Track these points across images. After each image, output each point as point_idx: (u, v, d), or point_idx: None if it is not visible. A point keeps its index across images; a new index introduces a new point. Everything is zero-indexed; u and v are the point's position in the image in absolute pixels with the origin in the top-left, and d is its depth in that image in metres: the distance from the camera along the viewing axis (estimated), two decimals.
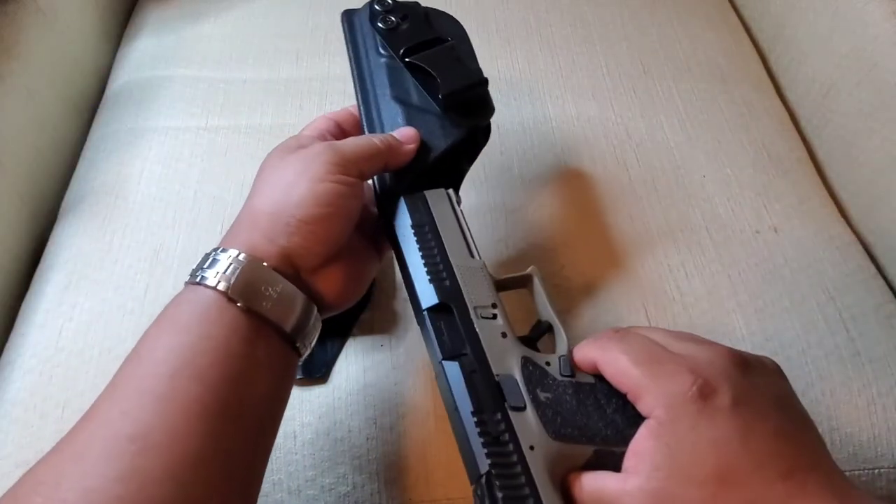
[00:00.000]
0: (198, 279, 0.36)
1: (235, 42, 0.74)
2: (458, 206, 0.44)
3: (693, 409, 0.32)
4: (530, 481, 0.34)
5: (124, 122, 0.67)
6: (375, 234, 0.45)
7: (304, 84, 0.69)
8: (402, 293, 0.53)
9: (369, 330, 0.52)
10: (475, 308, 0.39)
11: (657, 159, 0.63)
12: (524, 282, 0.43)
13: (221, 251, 0.37)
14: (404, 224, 0.43)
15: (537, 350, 0.40)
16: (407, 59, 0.47)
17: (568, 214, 0.59)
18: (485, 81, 0.46)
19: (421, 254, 0.41)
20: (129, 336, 0.51)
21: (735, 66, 0.72)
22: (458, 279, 0.40)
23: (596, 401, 0.37)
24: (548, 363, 0.38)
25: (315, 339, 0.40)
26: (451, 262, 0.41)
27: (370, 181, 0.45)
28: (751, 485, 0.31)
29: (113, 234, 0.58)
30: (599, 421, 0.36)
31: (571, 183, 0.61)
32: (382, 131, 0.45)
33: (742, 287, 0.54)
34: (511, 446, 0.35)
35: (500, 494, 0.34)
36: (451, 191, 0.45)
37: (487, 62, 0.71)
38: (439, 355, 0.38)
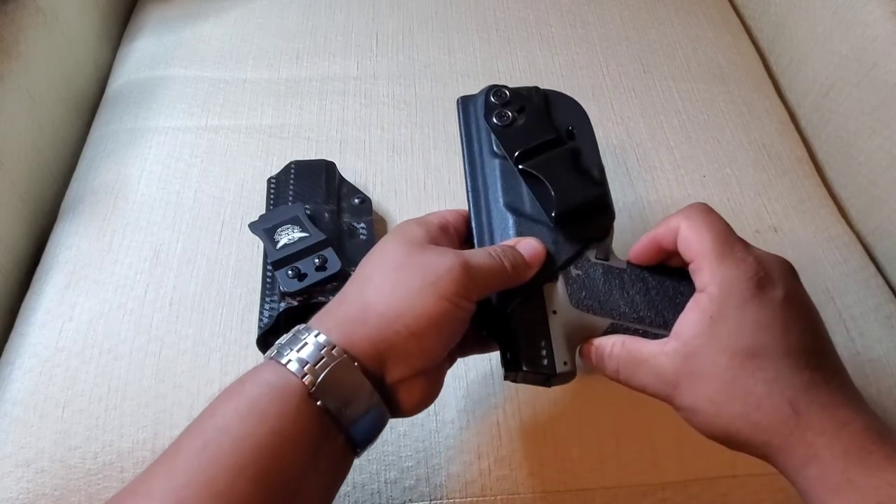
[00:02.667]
0: (284, 361, 0.34)
1: (235, 42, 0.74)
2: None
3: (747, 293, 0.35)
4: (547, 337, 0.39)
5: (124, 122, 0.67)
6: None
7: (304, 84, 0.69)
8: None
9: None
10: None
11: (657, 159, 0.63)
12: None
13: (315, 335, 0.35)
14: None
15: None
16: (520, 167, 0.43)
17: None
18: (602, 195, 0.43)
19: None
20: (130, 336, 0.51)
21: (735, 66, 0.72)
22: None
23: (621, 283, 0.41)
24: (589, 247, 0.42)
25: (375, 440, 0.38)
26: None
27: None
28: (777, 366, 0.34)
29: (113, 234, 0.58)
30: (620, 299, 0.40)
31: None
32: (492, 241, 0.42)
33: None
34: (538, 307, 0.40)
35: (521, 342, 0.39)
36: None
37: (488, 62, 0.71)
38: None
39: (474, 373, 0.50)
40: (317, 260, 0.50)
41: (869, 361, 0.51)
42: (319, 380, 0.33)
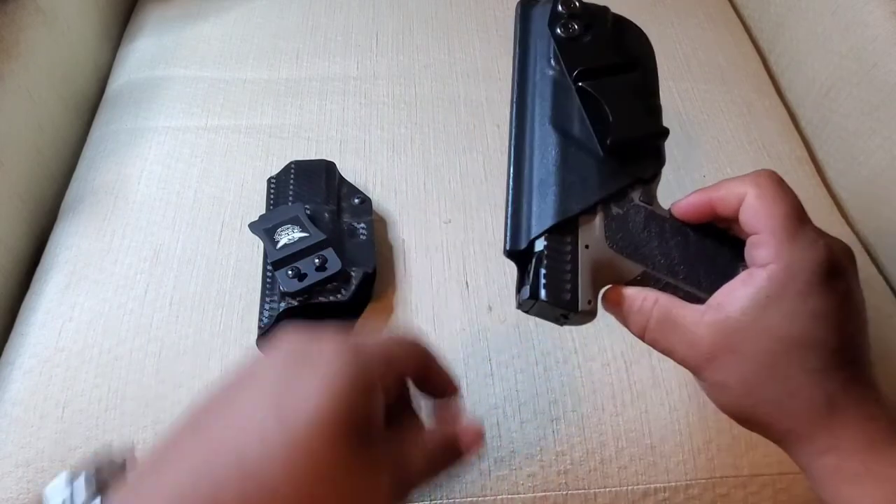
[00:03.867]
0: None
1: (235, 42, 0.74)
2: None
3: (814, 280, 0.33)
4: (574, 270, 0.36)
5: (124, 122, 0.67)
6: None
7: (304, 84, 0.69)
8: (403, 292, 0.53)
9: (370, 330, 0.52)
10: None
11: None
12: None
13: None
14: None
15: None
16: (580, 84, 0.40)
17: None
18: (663, 133, 0.40)
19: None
20: (130, 336, 0.51)
21: (735, 66, 0.72)
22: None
23: (661, 231, 0.38)
24: (634, 188, 0.39)
25: None
26: None
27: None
28: (823, 358, 0.33)
29: (113, 234, 0.58)
30: (657, 248, 0.38)
31: None
32: (531, 158, 0.39)
33: None
34: (570, 238, 0.37)
35: (544, 271, 0.36)
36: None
37: (488, 62, 0.71)
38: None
39: (474, 373, 0.50)
40: (317, 260, 0.50)
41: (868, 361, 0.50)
42: None
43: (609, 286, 0.38)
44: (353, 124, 0.66)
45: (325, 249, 0.51)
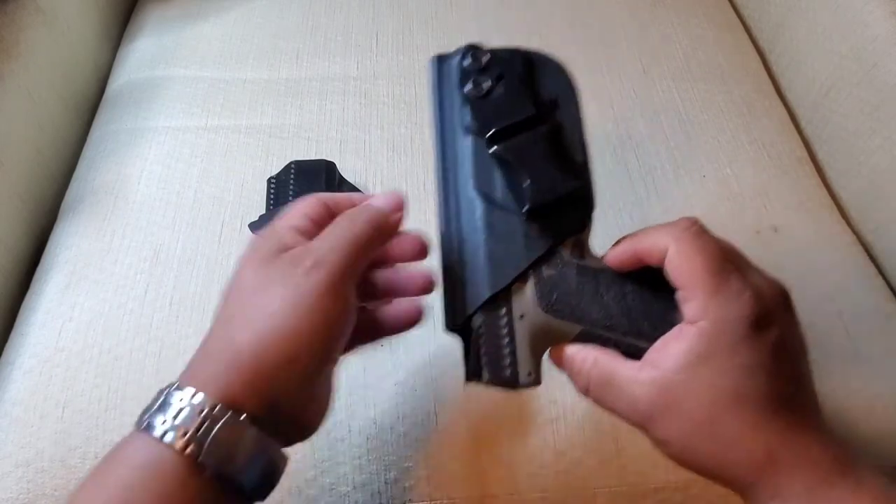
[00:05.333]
0: (157, 433, 0.29)
1: (235, 42, 0.74)
2: None
3: (741, 332, 0.33)
4: (512, 344, 0.36)
5: (124, 122, 0.67)
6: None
7: (304, 84, 0.69)
8: None
9: None
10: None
11: (657, 159, 0.63)
12: None
13: (191, 396, 0.30)
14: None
15: None
16: (492, 149, 0.39)
17: None
18: (581, 187, 0.39)
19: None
20: (130, 336, 0.51)
21: (735, 66, 0.72)
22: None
23: (595, 286, 0.37)
24: (563, 243, 0.38)
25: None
26: None
27: None
28: (759, 410, 0.32)
29: (113, 234, 0.58)
30: (593, 304, 0.37)
31: None
32: (458, 229, 0.39)
33: None
34: (504, 311, 0.37)
35: (482, 350, 0.36)
36: None
37: None
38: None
39: None
40: None
41: (869, 361, 0.51)
42: (206, 448, 0.29)
43: (552, 347, 0.37)
44: (353, 124, 0.66)
45: None
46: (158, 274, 0.55)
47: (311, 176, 0.58)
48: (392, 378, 0.50)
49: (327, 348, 0.33)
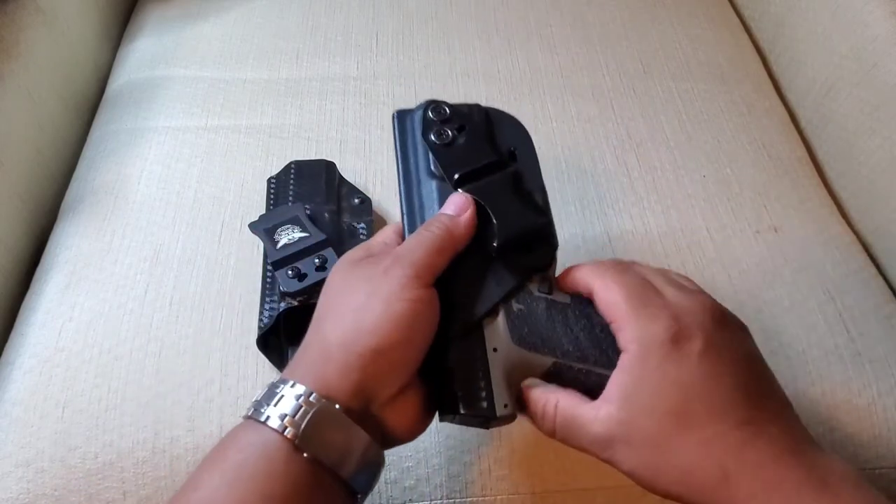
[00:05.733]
0: (262, 418, 0.33)
1: (235, 42, 0.74)
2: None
3: (663, 350, 0.34)
4: (486, 377, 0.37)
5: (124, 122, 0.67)
6: None
7: (304, 84, 0.69)
8: None
9: None
10: None
11: (657, 159, 0.63)
12: None
13: (290, 385, 0.33)
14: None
15: None
16: (459, 189, 0.40)
17: (568, 214, 0.59)
18: (546, 224, 0.40)
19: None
20: (130, 336, 0.51)
21: (735, 66, 0.72)
22: None
23: (564, 319, 0.38)
24: (531, 279, 0.39)
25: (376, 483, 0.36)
26: None
27: None
28: (706, 427, 0.33)
29: (113, 234, 0.58)
30: (563, 337, 0.38)
31: (571, 183, 0.61)
32: None
33: (742, 287, 0.54)
34: (477, 344, 0.37)
35: (457, 384, 0.36)
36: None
37: (488, 62, 0.71)
38: None
39: None
40: (317, 260, 0.50)
41: (869, 362, 0.51)
42: (302, 431, 0.32)
43: (521, 386, 0.38)
44: (353, 124, 0.66)
45: (325, 249, 0.51)
46: (158, 274, 0.55)
47: (311, 176, 0.58)
48: None
49: (409, 340, 0.35)
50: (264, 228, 0.52)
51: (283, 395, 0.33)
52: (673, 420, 0.33)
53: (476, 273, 0.39)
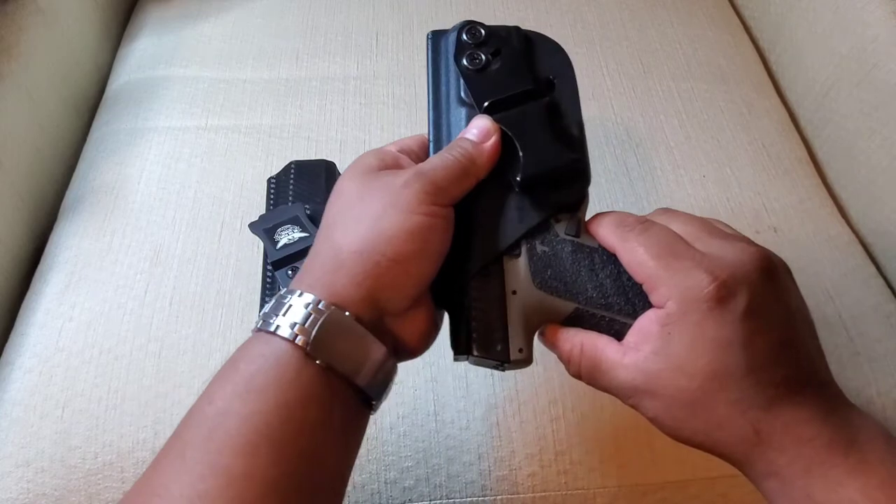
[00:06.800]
0: (272, 328, 0.32)
1: (235, 42, 0.74)
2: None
3: (704, 307, 0.32)
4: (503, 319, 0.36)
5: (124, 122, 0.67)
6: None
7: (303, 84, 0.69)
8: None
9: None
10: None
11: (657, 159, 0.63)
12: None
13: (298, 295, 0.33)
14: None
15: None
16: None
17: None
18: (577, 160, 0.37)
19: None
20: (129, 336, 0.51)
21: (735, 66, 0.72)
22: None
23: (591, 264, 0.37)
24: (558, 219, 0.37)
25: (388, 392, 0.36)
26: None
27: None
28: (740, 385, 0.32)
29: (113, 234, 0.58)
30: (588, 283, 0.36)
31: None
32: None
33: None
34: (496, 284, 0.36)
35: (473, 324, 0.36)
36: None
37: None
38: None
39: (474, 373, 0.50)
40: None
41: (869, 361, 0.51)
42: (313, 337, 0.31)
43: (543, 328, 0.37)
44: (353, 124, 0.66)
45: None
46: (158, 274, 0.55)
47: (311, 176, 0.58)
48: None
49: (424, 253, 0.34)
50: (264, 228, 0.52)
51: (291, 305, 0.33)
52: (708, 379, 0.32)
53: (499, 206, 0.37)
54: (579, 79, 0.41)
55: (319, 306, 0.32)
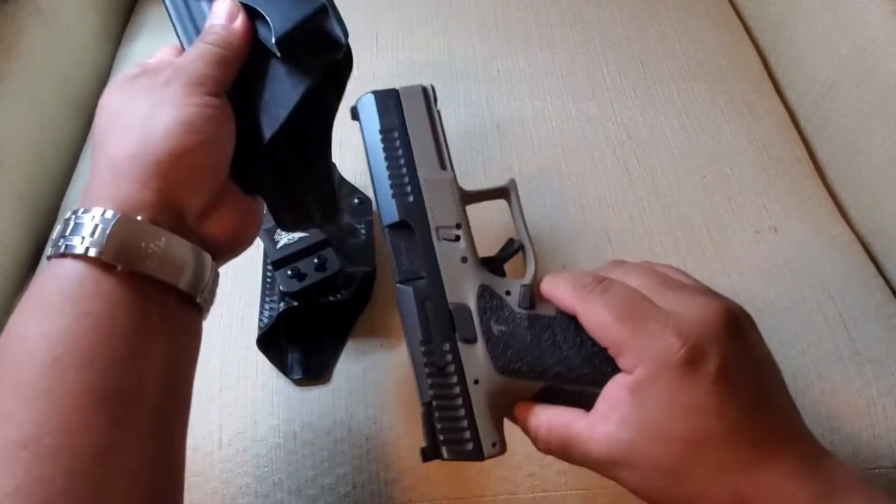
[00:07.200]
0: (61, 249, 0.31)
1: None
2: (436, 104, 0.41)
3: (677, 373, 0.31)
4: (469, 415, 0.34)
5: None
6: None
7: None
8: None
9: (369, 330, 0.52)
10: (437, 229, 0.38)
11: (657, 159, 0.63)
12: (501, 195, 0.41)
13: (83, 212, 0.32)
14: (372, 130, 0.40)
15: (503, 272, 0.39)
16: None
17: (568, 214, 0.59)
18: (323, 9, 0.37)
19: (387, 164, 0.39)
20: None
21: (735, 66, 0.72)
22: (423, 195, 0.38)
23: (552, 336, 0.35)
24: (508, 292, 0.37)
25: (216, 292, 0.36)
26: (419, 174, 0.39)
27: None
28: (718, 451, 0.31)
29: None
30: (552, 358, 0.35)
31: (571, 182, 0.61)
32: None
33: (742, 287, 0.54)
34: (455, 378, 0.35)
35: (439, 426, 0.34)
36: (430, 86, 0.41)
37: (487, 62, 0.71)
38: (396, 277, 0.37)
39: None
40: (317, 260, 0.50)
41: (869, 362, 0.51)
42: (105, 247, 0.31)
43: (513, 408, 0.36)
44: (352, 124, 0.65)
45: (325, 249, 0.51)
46: None
47: None
48: (392, 378, 0.50)
49: (204, 144, 0.34)
50: (264, 228, 0.52)
51: (77, 223, 0.32)
52: (686, 446, 0.31)
53: (268, 80, 0.37)
54: (580, 78, 0.40)
55: (106, 215, 0.31)
